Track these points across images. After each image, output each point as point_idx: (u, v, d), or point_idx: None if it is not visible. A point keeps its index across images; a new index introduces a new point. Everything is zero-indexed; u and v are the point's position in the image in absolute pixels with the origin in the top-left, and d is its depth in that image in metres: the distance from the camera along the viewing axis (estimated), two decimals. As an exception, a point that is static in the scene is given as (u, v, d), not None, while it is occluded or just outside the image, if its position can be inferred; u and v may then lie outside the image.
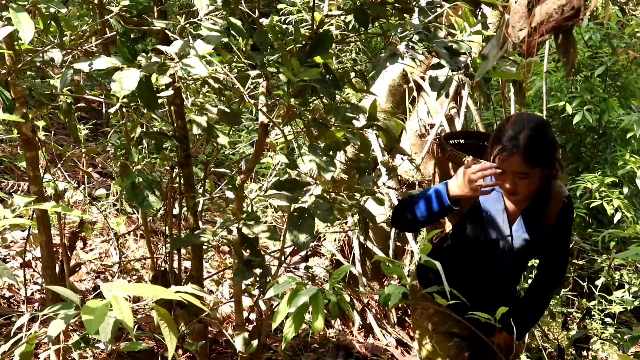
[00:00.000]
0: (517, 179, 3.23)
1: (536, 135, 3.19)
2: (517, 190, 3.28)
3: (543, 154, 3.23)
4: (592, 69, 7.84)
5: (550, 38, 1.97)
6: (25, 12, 2.59)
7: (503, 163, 3.20)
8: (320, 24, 3.85)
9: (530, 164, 3.18)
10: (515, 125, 3.21)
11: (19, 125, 3.27)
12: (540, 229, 3.50)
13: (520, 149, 3.15)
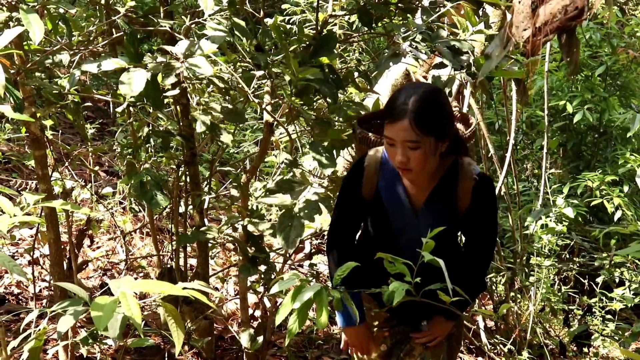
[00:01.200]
0: (408, 150, 2.85)
1: (427, 100, 2.85)
2: (409, 164, 2.88)
3: (434, 121, 2.86)
4: (593, 69, 7.84)
5: (554, 38, 1.98)
6: (35, 13, 2.60)
7: (392, 130, 2.85)
8: (324, 24, 3.86)
9: (420, 131, 2.80)
10: (405, 91, 2.88)
11: (27, 124, 3.28)
12: (452, 212, 3.13)
13: (409, 113, 2.79)
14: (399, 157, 2.86)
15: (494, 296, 6.17)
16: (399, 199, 3.13)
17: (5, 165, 6.35)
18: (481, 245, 3.25)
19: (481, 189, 3.08)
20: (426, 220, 3.07)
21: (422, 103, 2.81)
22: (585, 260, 6.43)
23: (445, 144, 2.95)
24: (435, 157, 2.93)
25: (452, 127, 3.01)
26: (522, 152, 8.12)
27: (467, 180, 3.06)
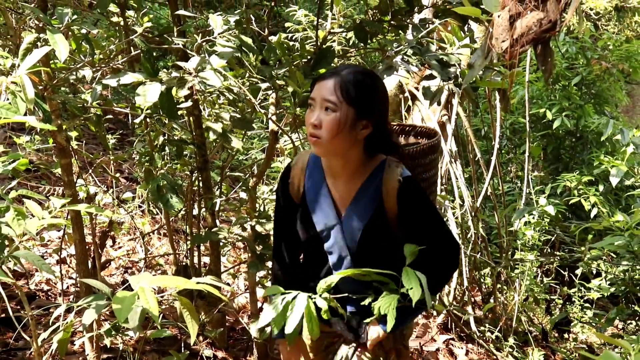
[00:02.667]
0: (323, 113, 2.46)
1: (361, 73, 2.51)
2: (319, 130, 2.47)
3: (360, 93, 2.47)
4: (569, 79, 7.87)
5: (530, 49, 1.98)
6: (60, 33, 2.61)
7: (315, 89, 2.51)
8: (323, 40, 3.86)
9: (342, 94, 2.44)
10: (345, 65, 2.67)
11: (54, 135, 3.29)
12: (378, 216, 2.64)
13: (337, 75, 2.47)
14: (312, 119, 2.48)
15: (482, 288, 6.18)
16: (322, 200, 2.72)
17: (35, 173, 6.35)
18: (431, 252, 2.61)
19: (405, 192, 2.60)
20: (350, 225, 2.67)
21: (354, 74, 2.49)
22: (565, 253, 6.45)
23: (367, 130, 2.53)
24: (349, 136, 2.49)
25: (380, 113, 2.56)
26: (507, 156, 8.13)
27: (392, 181, 2.61)
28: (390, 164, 2.62)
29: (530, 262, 5.93)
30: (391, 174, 2.61)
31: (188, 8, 3.74)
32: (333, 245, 2.71)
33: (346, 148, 2.53)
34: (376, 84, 2.55)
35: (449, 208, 5.64)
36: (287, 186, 2.79)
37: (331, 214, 2.69)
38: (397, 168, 2.61)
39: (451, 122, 5.88)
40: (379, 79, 2.59)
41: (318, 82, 2.52)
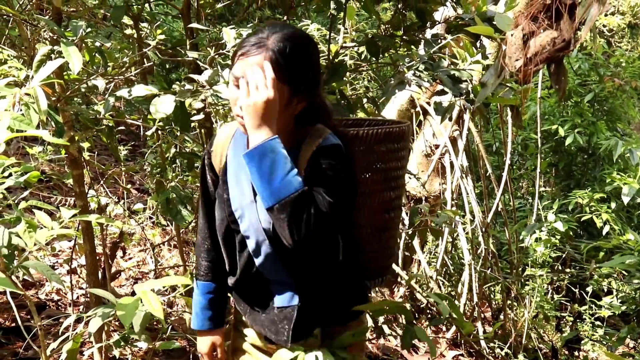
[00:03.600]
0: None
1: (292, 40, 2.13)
2: None
3: (295, 67, 2.12)
4: (582, 95, 7.86)
5: (544, 67, 1.99)
6: (74, 45, 2.62)
7: (241, 66, 2.12)
8: (335, 54, 3.87)
9: (276, 72, 2.08)
10: (270, 27, 2.18)
11: (66, 146, 3.30)
12: None
13: (267, 49, 2.09)
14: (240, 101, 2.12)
15: (492, 304, 6.16)
16: (241, 175, 2.33)
17: (47, 183, 6.38)
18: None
19: (317, 159, 2.18)
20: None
21: (285, 42, 2.11)
22: (576, 270, 6.42)
23: (301, 104, 2.20)
24: (283, 115, 2.15)
25: (315, 84, 2.23)
26: (518, 172, 8.12)
27: (308, 150, 2.21)
28: (313, 134, 2.23)
29: (541, 278, 5.91)
30: (308, 143, 2.22)
31: (201, 21, 3.76)
32: (249, 228, 2.30)
33: (279, 126, 2.14)
34: (309, 50, 2.20)
35: (460, 223, 5.63)
36: (210, 155, 2.44)
37: (247, 190, 2.30)
38: (318, 139, 2.21)
39: (462, 137, 5.87)
40: (312, 42, 2.24)
41: (241, 55, 2.13)
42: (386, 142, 2.54)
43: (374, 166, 2.57)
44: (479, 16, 3.31)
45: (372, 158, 2.53)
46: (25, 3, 3.71)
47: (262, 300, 2.41)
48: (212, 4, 4.10)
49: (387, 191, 2.61)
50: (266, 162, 2.06)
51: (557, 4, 1.89)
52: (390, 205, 2.64)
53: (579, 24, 1.83)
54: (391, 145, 2.55)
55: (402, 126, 2.61)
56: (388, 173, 2.60)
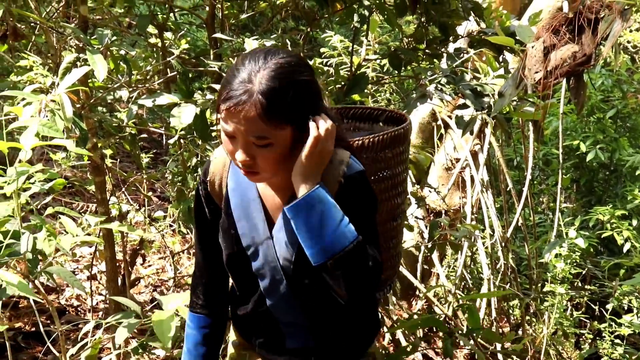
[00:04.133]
0: (253, 148, 1.87)
1: (282, 75, 1.83)
2: (255, 167, 1.91)
3: (293, 106, 1.85)
4: (604, 111, 7.82)
5: (563, 81, 1.99)
6: (99, 54, 2.66)
7: (230, 119, 1.84)
8: (358, 66, 3.89)
9: (273, 121, 1.81)
10: (250, 62, 1.85)
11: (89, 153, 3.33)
12: None
13: (255, 95, 1.79)
14: (240, 156, 1.88)
15: (511, 319, 6.13)
16: (250, 207, 2.10)
17: (69, 189, 6.44)
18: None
19: (346, 196, 1.98)
20: (283, 240, 2.05)
21: (273, 81, 1.81)
22: (596, 288, 6.38)
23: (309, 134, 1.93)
24: (294, 153, 1.92)
25: (319, 110, 1.95)
26: (539, 187, 8.08)
27: (331, 182, 1.98)
28: (333, 159, 1.98)
29: (560, 295, 5.88)
30: (332, 173, 1.98)
31: (225, 31, 3.79)
32: (263, 266, 2.10)
33: (289, 164, 1.94)
34: (302, 78, 1.89)
35: (479, 237, 5.61)
36: (206, 186, 2.18)
37: (260, 225, 2.08)
38: (341, 165, 1.99)
39: (483, 151, 5.86)
40: (301, 66, 1.91)
41: (227, 108, 1.84)
42: (392, 147, 2.33)
43: (381, 174, 2.38)
44: (501, 30, 3.31)
45: (379, 166, 2.33)
46: (52, 11, 3.76)
47: (272, 340, 2.24)
48: (236, 14, 4.14)
49: (394, 198, 2.43)
50: (315, 215, 1.89)
51: (579, 18, 1.89)
52: (397, 212, 2.48)
53: (601, 39, 1.82)
54: (397, 149, 2.36)
55: (405, 126, 2.39)
56: (394, 179, 2.42)
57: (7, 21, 3.31)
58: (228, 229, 2.14)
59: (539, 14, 3.79)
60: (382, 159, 2.33)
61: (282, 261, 2.06)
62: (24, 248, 2.31)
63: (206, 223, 2.23)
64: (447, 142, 6.11)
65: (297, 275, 2.05)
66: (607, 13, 1.88)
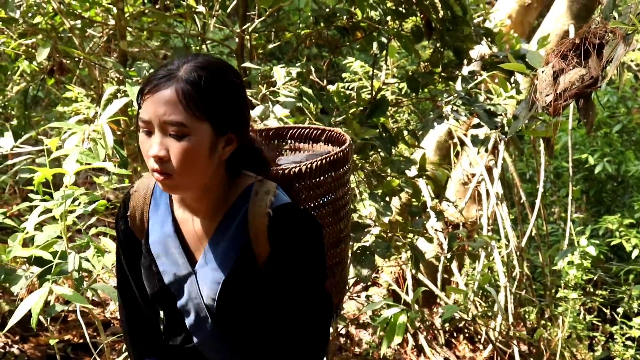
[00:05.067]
0: (169, 140, 1.60)
1: (209, 68, 1.65)
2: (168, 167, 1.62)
3: (216, 97, 1.63)
4: (611, 126, 7.79)
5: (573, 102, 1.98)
6: (137, 85, 2.68)
7: (149, 107, 1.62)
8: (378, 90, 3.89)
9: (193, 108, 1.59)
10: (180, 58, 1.70)
11: (130, 176, 3.35)
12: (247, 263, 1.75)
13: (178, 80, 1.60)
14: (154, 149, 1.61)
15: (527, 324, 6.08)
16: (169, 243, 1.83)
17: (112, 210, 6.47)
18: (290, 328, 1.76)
19: (278, 231, 1.71)
20: (206, 276, 1.78)
21: (200, 71, 1.63)
22: (607, 293, 6.33)
23: (231, 146, 1.70)
24: (209, 161, 1.66)
25: (244, 120, 1.74)
26: (550, 198, 8.02)
27: (258, 215, 1.71)
28: (258, 190, 1.74)
29: (573, 300, 5.82)
30: (258, 205, 1.72)
31: (253, 60, 3.81)
32: (187, 303, 1.83)
33: (206, 177, 1.69)
34: (229, 79, 1.69)
35: (495, 247, 5.58)
36: (127, 221, 1.90)
37: (181, 260, 1.81)
38: (268, 195, 1.73)
39: (498, 167, 5.83)
40: (231, 71, 1.73)
41: (148, 92, 1.63)
42: (331, 171, 2.00)
43: (321, 200, 2.03)
44: (512, 54, 3.30)
45: (318, 192, 1.99)
46: (95, 46, 3.80)
47: None
48: (264, 44, 4.15)
49: (336, 224, 2.09)
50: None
51: (585, 43, 1.88)
52: (341, 237, 2.12)
53: (606, 62, 1.81)
54: (337, 173, 2.03)
55: (345, 149, 2.05)
56: (336, 203, 2.08)
57: (54, 57, 3.36)
58: (149, 266, 1.86)
59: (546, 37, 3.78)
60: (322, 184, 2.00)
61: (206, 299, 1.78)
62: (71, 267, 2.33)
63: (129, 260, 1.93)
64: (463, 158, 6.09)
65: (223, 314, 1.78)
66: (611, 37, 1.87)
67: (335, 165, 2.00)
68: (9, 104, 4.90)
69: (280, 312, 1.75)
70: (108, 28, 3.76)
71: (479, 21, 4.72)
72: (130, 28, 3.78)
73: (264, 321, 1.79)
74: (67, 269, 2.32)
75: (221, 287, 1.75)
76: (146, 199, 1.87)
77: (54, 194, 2.34)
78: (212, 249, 1.77)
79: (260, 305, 1.77)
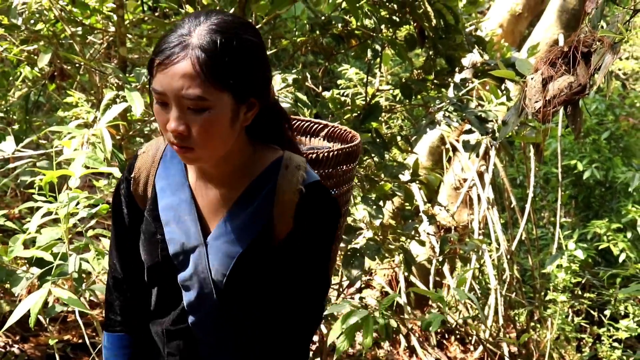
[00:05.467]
0: (188, 113, 1.45)
1: (225, 31, 1.46)
2: (189, 140, 1.48)
3: (235, 63, 1.45)
4: (599, 133, 7.82)
5: (561, 109, 1.99)
6: (136, 91, 2.67)
7: (163, 79, 1.45)
8: (372, 96, 3.89)
9: (211, 79, 1.43)
10: (191, 19, 1.49)
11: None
12: (267, 239, 1.60)
13: (192, 49, 1.43)
14: (172, 124, 1.46)
15: (517, 325, 6.08)
16: (182, 209, 1.65)
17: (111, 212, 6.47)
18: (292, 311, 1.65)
19: (309, 208, 1.58)
20: (220, 249, 1.62)
21: (214, 35, 1.44)
22: (595, 295, 6.34)
23: (252, 112, 1.55)
24: (231, 131, 1.51)
25: (265, 82, 1.57)
26: (540, 203, 8.03)
27: (289, 191, 1.57)
28: (289, 163, 1.59)
29: (562, 302, 5.83)
30: (288, 180, 1.57)
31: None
32: (191, 277, 1.64)
33: (229, 147, 1.55)
34: (248, 38, 1.50)
35: (486, 251, 5.58)
36: (130, 184, 1.73)
37: (193, 229, 1.64)
38: (299, 170, 1.58)
39: (489, 172, 5.84)
40: (249, 28, 1.54)
41: (161, 64, 1.46)
42: (344, 163, 1.91)
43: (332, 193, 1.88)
44: (503, 62, 3.31)
45: (328, 183, 1.86)
46: (95, 52, 3.79)
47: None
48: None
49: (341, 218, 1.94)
50: None
51: (574, 51, 1.89)
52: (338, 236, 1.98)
53: (594, 70, 1.82)
54: (347, 167, 1.94)
55: (358, 144, 1.95)
56: (341, 198, 1.96)
57: (55, 63, 3.35)
58: (153, 233, 1.68)
59: (536, 46, 3.79)
60: (333, 175, 1.88)
61: (215, 274, 1.62)
62: (72, 268, 2.32)
63: (125, 227, 1.76)
64: (455, 163, 6.10)
65: (230, 291, 1.62)
66: (599, 46, 1.88)
67: (348, 159, 1.91)
68: (11, 109, 4.89)
69: (285, 292, 1.63)
70: (108, 35, 3.76)
71: (471, 30, 4.72)
72: (130, 35, 3.77)
73: (268, 302, 1.64)
74: (68, 271, 2.32)
75: (235, 262, 1.60)
76: (155, 162, 1.71)
77: (58, 197, 2.34)
78: (230, 221, 1.61)
79: (268, 285, 1.63)
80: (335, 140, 2.08)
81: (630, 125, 7.71)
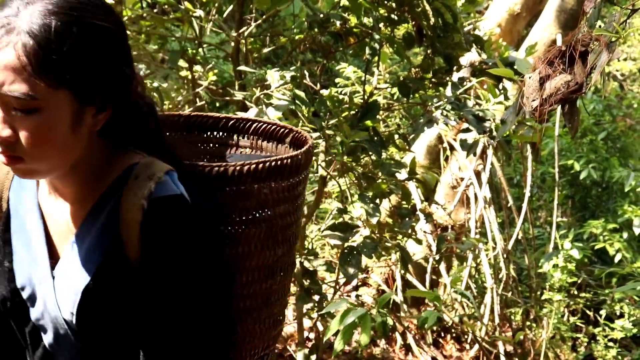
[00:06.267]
0: (16, 115, 1.15)
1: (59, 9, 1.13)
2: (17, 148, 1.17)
3: (75, 51, 1.13)
4: (596, 134, 7.83)
5: (558, 107, 1.98)
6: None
7: None
8: (370, 94, 3.88)
9: (42, 73, 1.12)
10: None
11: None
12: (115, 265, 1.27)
13: (19, 32, 1.12)
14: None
15: (512, 324, 6.08)
16: (31, 232, 1.35)
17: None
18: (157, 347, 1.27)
19: (154, 233, 1.24)
20: (65, 281, 1.30)
21: (49, 17, 1.12)
22: (591, 295, 6.34)
23: (103, 115, 1.24)
24: (75, 136, 1.20)
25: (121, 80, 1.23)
26: (537, 203, 8.04)
27: (132, 207, 1.23)
28: (140, 172, 1.25)
29: (558, 302, 5.83)
30: (133, 193, 1.23)
31: (249, 64, 3.80)
32: (43, 316, 1.33)
33: (73, 156, 1.24)
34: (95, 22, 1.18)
35: (483, 250, 5.58)
36: None
37: (42, 256, 1.33)
38: (149, 181, 1.23)
39: (486, 171, 5.84)
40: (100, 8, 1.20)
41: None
42: (271, 180, 1.47)
43: (251, 216, 1.49)
44: (501, 61, 3.30)
45: (246, 204, 1.46)
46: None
47: None
48: (259, 48, 4.14)
49: (271, 249, 1.54)
50: None
51: (571, 50, 1.89)
52: (276, 268, 1.57)
53: (590, 69, 1.82)
54: (279, 184, 1.50)
55: (296, 156, 1.52)
56: (273, 222, 1.52)
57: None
58: (2, 260, 1.37)
59: (534, 45, 3.78)
60: (253, 194, 1.46)
61: (65, 313, 1.30)
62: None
63: None
64: (452, 162, 6.10)
65: (86, 331, 1.30)
66: (596, 45, 1.88)
67: (278, 174, 1.48)
68: None
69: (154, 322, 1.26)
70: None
71: (469, 29, 4.72)
72: (128, 31, 3.76)
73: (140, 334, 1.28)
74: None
75: (81, 298, 1.27)
76: (9, 173, 1.38)
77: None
78: (76, 247, 1.29)
79: (131, 322, 1.28)
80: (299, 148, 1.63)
81: (628, 125, 7.72)
